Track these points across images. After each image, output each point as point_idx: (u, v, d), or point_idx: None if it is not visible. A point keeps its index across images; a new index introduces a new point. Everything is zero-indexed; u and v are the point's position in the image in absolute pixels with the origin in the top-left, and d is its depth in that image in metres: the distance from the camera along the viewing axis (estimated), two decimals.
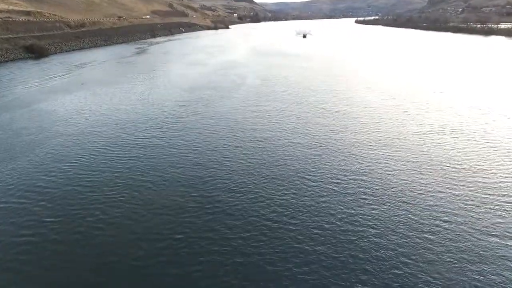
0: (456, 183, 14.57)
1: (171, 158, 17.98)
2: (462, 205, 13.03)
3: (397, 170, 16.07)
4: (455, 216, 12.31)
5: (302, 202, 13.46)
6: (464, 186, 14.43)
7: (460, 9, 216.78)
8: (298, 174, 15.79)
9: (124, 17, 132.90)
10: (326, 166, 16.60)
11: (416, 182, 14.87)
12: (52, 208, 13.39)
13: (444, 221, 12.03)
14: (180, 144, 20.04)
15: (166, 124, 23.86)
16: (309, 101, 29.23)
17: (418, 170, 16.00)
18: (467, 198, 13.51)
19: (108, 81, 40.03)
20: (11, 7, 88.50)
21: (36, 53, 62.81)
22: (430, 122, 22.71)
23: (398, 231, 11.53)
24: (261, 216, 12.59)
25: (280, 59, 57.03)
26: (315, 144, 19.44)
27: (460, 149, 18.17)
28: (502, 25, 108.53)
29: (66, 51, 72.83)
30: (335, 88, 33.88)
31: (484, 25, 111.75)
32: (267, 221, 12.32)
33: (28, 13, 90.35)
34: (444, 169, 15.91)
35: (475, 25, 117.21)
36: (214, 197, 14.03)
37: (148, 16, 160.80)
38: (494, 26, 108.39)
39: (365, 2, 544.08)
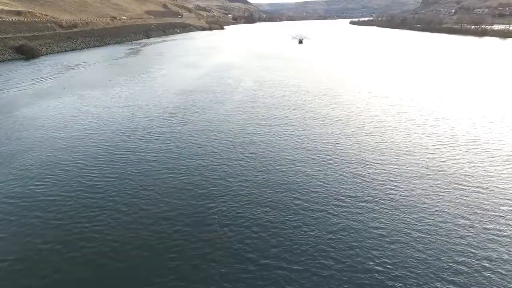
0: (471, 202, 13.78)
1: (156, 170, 16.73)
2: (475, 221, 12.40)
3: (405, 184, 15.38)
4: (469, 234, 11.68)
5: (300, 215, 12.70)
6: (477, 200, 13.79)
7: (453, 10, 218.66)
8: (296, 187, 14.86)
9: (117, 18, 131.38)
10: (327, 180, 15.71)
11: (427, 199, 14.19)
12: (31, 219, 12.49)
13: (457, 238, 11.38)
14: (167, 154, 18.55)
15: (153, 133, 22.12)
16: (308, 107, 27.71)
17: (429, 186, 15.31)
18: (480, 211, 12.88)
19: (95, 84, 38.46)
20: (1, 7, 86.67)
21: (26, 54, 61.37)
22: (438, 132, 21.11)
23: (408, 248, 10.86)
24: (256, 233, 11.81)
25: (275, 69, 54.08)
26: (316, 155, 18.31)
27: (475, 163, 16.72)
28: (496, 26, 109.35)
29: (57, 52, 71.42)
30: (336, 95, 32.06)
31: (478, 27, 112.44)
32: (263, 238, 11.54)
33: (18, 13, 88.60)
34: (458, 186, 15.12)
35: (469, 26, 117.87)
36: (205, 211, 13.21)
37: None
38: (488, 27, 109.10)
39: (359, 3, 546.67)
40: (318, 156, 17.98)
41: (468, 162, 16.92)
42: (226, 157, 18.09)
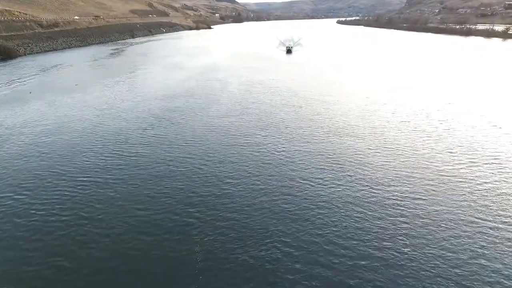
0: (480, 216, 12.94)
1: (129, 186, 15.06)
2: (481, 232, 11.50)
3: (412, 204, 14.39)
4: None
5: (292, 232, 11.56)
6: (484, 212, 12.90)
7: (437, 10, 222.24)
8: (288, 206, 13.72)
9: (101, 17, 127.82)
10: (322, 199, 14.57)
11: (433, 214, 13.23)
12: None
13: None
14: (143, 171, 16.52)
15: (125, 148, 19.65)
16: (302, 115, 25.53)
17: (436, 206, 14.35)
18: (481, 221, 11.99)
19: (66, 88, 35.72)
20: None
21: (2, 54, 58.56)
22: (448, 144, 19.21)
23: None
24: (239, 252, 10.60)
25: (262, 78, 48.06)
26: (311, 171, 16.91)
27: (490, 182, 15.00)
28: (480, 26, 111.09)
29: (37, 53, 68.57)
30: (333, 102, 30.19)
31: (463, 26, 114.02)
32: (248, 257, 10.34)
33: None
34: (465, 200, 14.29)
35: (454, 26, 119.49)
36: (185, 239, 11.90)
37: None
38: (473, 27, 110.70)
39: (346, 3, 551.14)
40: (314, 171, 16.67)
41: (475, 172, 16.05)
42: (211, 170, 16.58)
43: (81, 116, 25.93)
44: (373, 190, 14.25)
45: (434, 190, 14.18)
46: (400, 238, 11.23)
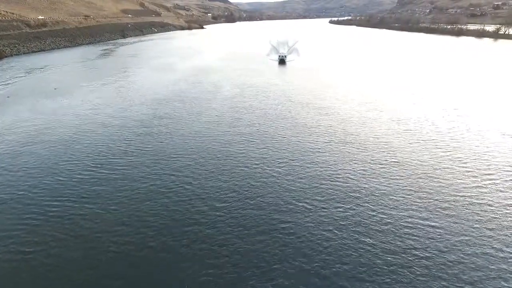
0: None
1: (110, 202, 14.09)
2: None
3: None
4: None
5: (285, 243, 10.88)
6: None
7: (428, 10, 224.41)
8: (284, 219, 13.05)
9: (91, 16, 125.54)
10: (323, 210, 13.96)
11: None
12: None
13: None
14: (127, 185, 15.43)
15: (111, 154, 18.62)
16: (298, 120, 24.80)
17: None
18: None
19: (49, 92, 34.11)
20: None
21: None
22: (456, 155, 18.24)
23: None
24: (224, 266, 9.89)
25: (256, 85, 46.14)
26: (308, 185, 16.30)
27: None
28: (470, 26, 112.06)
29: (24, 53, 66.79)
30: (332, 108, 29.55)
31: (454, 26, 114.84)
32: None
33: None
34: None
35: (445, 26, 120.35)
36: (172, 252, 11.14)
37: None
38: (464, 27, 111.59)
39: (337, 3, 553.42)
40: (313, 186, 15.80)
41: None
42: (202, 183, 15.69)
43: (58, 124, 24.26)
44: (377, 206, 13.72)
45: (445, 207, 13.66)
46: (408, 254, 10.67)
